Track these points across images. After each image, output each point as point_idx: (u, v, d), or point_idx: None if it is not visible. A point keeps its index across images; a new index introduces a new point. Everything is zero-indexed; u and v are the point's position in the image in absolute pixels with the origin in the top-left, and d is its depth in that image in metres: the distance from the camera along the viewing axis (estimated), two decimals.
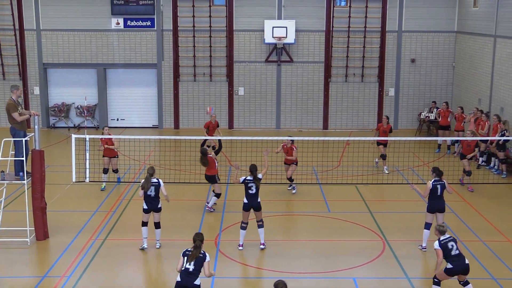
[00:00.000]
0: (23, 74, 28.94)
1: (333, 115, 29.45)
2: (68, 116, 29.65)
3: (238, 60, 28.98)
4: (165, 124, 29.54)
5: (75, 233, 16.04)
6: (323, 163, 22.56)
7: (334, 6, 28.48)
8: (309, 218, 17.48)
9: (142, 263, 14.70)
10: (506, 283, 13.39)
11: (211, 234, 15.93)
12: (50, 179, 18.18)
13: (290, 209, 18.02)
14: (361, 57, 28.89)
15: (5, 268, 14.08)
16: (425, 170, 22.14)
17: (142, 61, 29.06)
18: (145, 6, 28.38)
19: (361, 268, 14.13)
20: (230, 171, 21.85)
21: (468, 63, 27.18)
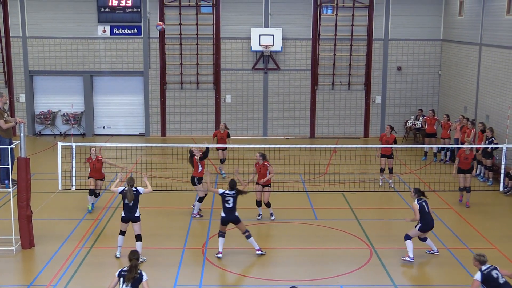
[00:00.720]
0: (9, 81, 28.81)
1: (320, 123, 29.52)
2: (54, 124, 29.54)
3: (225, 68, 29.01)
4: (152, 131, 29.50)
5: (61, 241, 15.97)
6: (310, 171, 22.59)
7: (320, 14, 28.59)
8: (296, 226, 17.49)
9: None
10: None
11: (198, 242, 15.92)
12: (36, 187, 18.09)
13: (277, 217, 17.97)
14: (348, 65, 29.01)
15: None
16: (412, 177, 22.24)
17: (128, 68, 29.03)
18: (132, 14, 28.37)
19: (348, 275, 14.15)
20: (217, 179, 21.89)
21: (454, 71, 27.35)
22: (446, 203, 19.36)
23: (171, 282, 13.72)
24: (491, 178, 21.31)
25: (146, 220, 17.00)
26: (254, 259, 15.03)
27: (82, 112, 29.45)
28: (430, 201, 16.70)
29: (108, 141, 27.84)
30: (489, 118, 23.33)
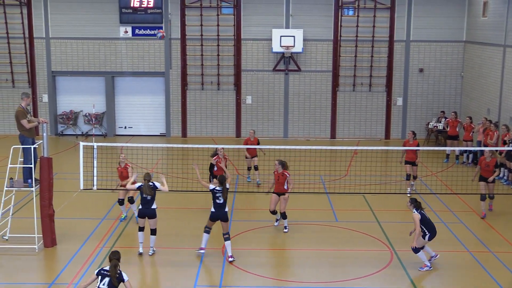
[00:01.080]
0: (32, 81, 29.12)
1: (341, 125, 29.48)
2: (76, 124, 29.78)
3: (246, 69, 29.07)
4: (173, 132, 29.62)
5: (82, 240, 16.12)
6: (331, 172, 22.59)
7: (342, 15, 28.55)
8: (316, 227, 17.51)
9: (149, 270, 14.76)
10: None
11: (219, 243, 15.95)
12: (58, 187, 18.24)
13: (297, 218, 17.98)
14: (369, 66, 28.94)
15: (13, 275, 14.18)
16: (433, 180, 22.14)
17: (150, 69, 29.18)
18: (153, 15, 28.52)
19: (368, 278, 14.11)
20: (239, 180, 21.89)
21: (477, 73, 27.17)
22: (469, 206, 19.23)
23: (191, 283, 13.77)
24: None
25: (166, 220, 17.15)
26: (274, 260, 15.10)
27: (103, 113, 29.66)
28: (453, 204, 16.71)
29: (129, 142, 28.00)
30: None
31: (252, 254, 15.43)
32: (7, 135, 28.80)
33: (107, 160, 19.63)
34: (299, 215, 18.33)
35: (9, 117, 28.88)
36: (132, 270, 14.64)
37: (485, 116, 24.71)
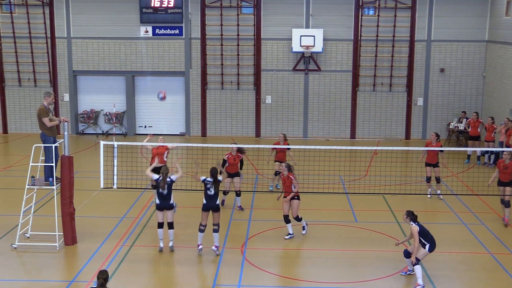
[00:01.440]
0: (54, 81, 29.41)
1: (361, 125, 29.45)
2: (96, 123, 30.03)
3: (266, 69, 29.12)
4: (193, 131, 29.76)
5: (102, 238, 16.23)
6: (350, 173, 22.59)
7: (362, 15, 28.52)
8: (335, 228, 17.51)
9: (168, 269, 14.82)
10: None
11: (238, 242, 16.02)
12: (79, 185, 18.40)
13: (317, 218, 18.00)
14: (389, 66, 28.87)
15: (35, 272, 14.34)
16: (454, 180, 22.04)
17: (170, 69, 29.34)
18: (174, 15, 28.66)
19: (387, 279, 14.08)
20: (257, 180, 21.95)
21: (500, 73, 27.00)
22: (490, 207, 19.13)
23: (211, 281, 13.90)
24: None
25: (186, 219, 17.28)
26: (292, 260, 15.11)
27: (124, 112, 29.87)
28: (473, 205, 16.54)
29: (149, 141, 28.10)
30: None
31: (271, 253, 15.48)
32: (29, 134, 29.11)
33: (127, 159, 19.77)
34: (319, 215, 18.34)
35: (31, 116, 29.20)
36: (152, 268, 14.79)
37: (508, 117, 24.53)
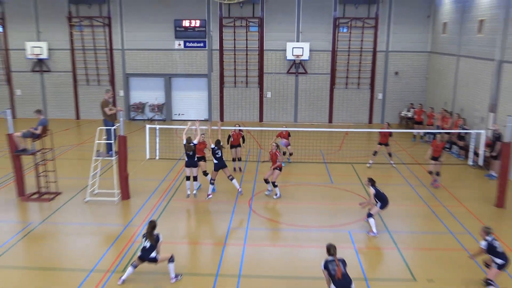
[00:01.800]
0: (112, 81, 29.47)
1: (336, 113, 29.46)
2: (143, 112, 30.11)
3: (267, 72, 29.11)
4: (213, 117, 29.85)
5: (148, 195, 16.45)
6: (328, 147, 22.68)
7: (338, 32, 28.42)
8: (317, 188, 17.65)
9: (195, 216, 15.01)
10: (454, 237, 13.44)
11: (246, 198, 16.15)
12: (131, 157, 18.48)
13: (304, 181, 18.15)
14: (358, 70, 28.83)
15: (101, 218, 14.63)
16: (404, 154, 22.15)
17: (196, 72, 29.34)
18: (199, 32, 28.63)
19: (354, 224, 14.28)
20: (260, 153, 22.09)
21: (438, 76, 26.99)
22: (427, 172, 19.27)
23: (226, 225, 14.10)
24: (463, 155, 21.12)
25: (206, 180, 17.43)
26: (285, 210, 15.26)
27: (163, 103, 29.95)
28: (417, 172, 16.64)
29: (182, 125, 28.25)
30: (462, 111, 23.03)
31: (270, 206, 15.66)
32: (95, 120, 29.24)
33: (166, 137, 19.94)
34: (306, 178, 18.48)
35: (96, 107, 29.30)
36: (184, 216, 14.98)
37: (443, 107, 24.61)
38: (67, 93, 29.86)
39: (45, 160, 16.15)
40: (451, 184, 17.99)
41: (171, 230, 13.74)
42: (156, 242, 10.81)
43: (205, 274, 11.33)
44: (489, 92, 20.51)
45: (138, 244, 12.78)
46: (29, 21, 28.98)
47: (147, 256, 10.74)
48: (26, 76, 29.74)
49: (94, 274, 11.29)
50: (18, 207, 15.37)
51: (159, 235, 10.93)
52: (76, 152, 22.16)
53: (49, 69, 29.58)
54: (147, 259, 10.77)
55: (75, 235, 13.38)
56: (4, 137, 16.39)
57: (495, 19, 20.16)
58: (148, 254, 10.73)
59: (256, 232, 13.70)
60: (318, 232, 13.70)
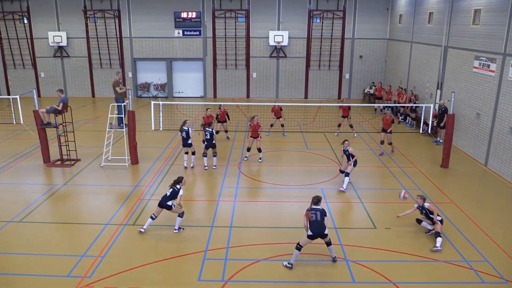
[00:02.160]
0: (122, 64, 28.86)
1: (311, 90, 29.26)
2: (149, 90, 29.66)
3: (253, 56, 28.66)
4: (208, 94, 29.52)
5: (154, 160, 16.29)
6: (304, 119, 22.58)
7: (312, 22, 27.97)
8: (295, 152, 17.60)
9: (193, 178, 14.93)
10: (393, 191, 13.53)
11: (236, 162, 16.12)
12: (139, 128, 18.37)
13: (282, 147, 18.12)
14: (329, 54, 28.49)
15: (114, 181, 14.44)
16: (367, 124, 22.14)
17: (193, 56, 28.82)
18: (195, 22, 28.01)
19: (326, 183, 14.32)
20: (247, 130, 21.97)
21: (395, 59, 26.78)
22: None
23: (220, 184, 14.04)
24: (415, 125, 21.16)
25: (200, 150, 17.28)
26: (268, 171, 15.23)
27: (165, 83, 29.50)
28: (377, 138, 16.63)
29: (182, 101, 27.95)
30: (415, 88, 22.96)
31: (255, 168, 15.60)
32: (107, 97, 28.84)
33: (168, 112, 19.70)
34: (285, 145, 18.44)
35: (108, 87, 28.86)
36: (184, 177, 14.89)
37: (399, 85, 24.50)
38: (83, 75, 29.23)
39: (66, 132, 15.88)
40: (405, 149, 18.05)
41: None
42: (175, 193, 10.75)
43: (202, 226, 11.27)
44: (436, 73, 20.41)
45: (146, 202, 12.69)
46: (51, 14, 28.22)
47: (165, 203, 10.72)
48: (49, 61, 29.04)
49: (110, 227, 11.20)
50: (44, 171, 15.15)
51: (181, 189, 10.84)
52: (92, 125, 21.82)
53: (68, 54, 28.89)
54: (164, 206, 10.70)
55: (92, 195, 13.24)
56: (31, 113, 16.03)
57: (442, 11, 19.89)
58: (166, 201, 10.73)
59: (245, 190, 13.66)
60: (296, 190, 13.69)
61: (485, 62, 16.20)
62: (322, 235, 9.30)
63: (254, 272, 9.27)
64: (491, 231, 11.09)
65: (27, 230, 11.04)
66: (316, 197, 9.55)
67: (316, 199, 9.49)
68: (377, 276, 9.16)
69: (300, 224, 11.14)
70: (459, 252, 10.13)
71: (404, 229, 11.16)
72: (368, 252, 10.09)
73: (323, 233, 9.30)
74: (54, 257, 9.82)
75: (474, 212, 12.14)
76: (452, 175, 15.09)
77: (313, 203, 9.49)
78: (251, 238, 10.67)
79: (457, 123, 17.79)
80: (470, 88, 17.26)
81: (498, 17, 15.55)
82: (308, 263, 9.61)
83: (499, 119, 15.29)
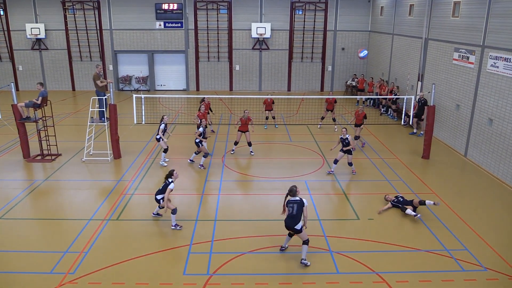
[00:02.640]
0: (103, 57, 28.42)
1: (294, 82, 29.30)
2: (130, 83, 29.30)
3: (236, 48, 28.54)
4: (190, 87, 29.32)
5: (136, 154, 16.15)
6: (287, 111, 22.63)
7: (294, 14, 27.95)
8: (279, 145, 17.62)
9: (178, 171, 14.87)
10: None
11: (220, 155, 16.10)
12: (120, 122, 18.17)
13: (266, 140, 18.13)
14: (311, 46, 28.55)
15: (96, 175, 14.28)
16: (349, 116, 22.31)
17: (175, 48, 28.56)
18: (177, 14, 27.72)
19: (309, 175, 14.40)
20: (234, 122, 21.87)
21: (377, 51, 26.98)
22: (369, 131, 19.48)
23: (203, 178, 13.99)
24: (396, 116, 21.41)
25: (183, 143, 17.18)
26: (253, 164, 15.25)
27: (147, 76, 29.18)
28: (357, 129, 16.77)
29: (164, 94, 27.70)
30: (396, 80, 23.19)
31: (240, 161, 15.60)
32: (88, 91, 28.40)
33: (151, 105, 19.51)
34: (267, 138, 18.46)
35: (89, 80, 28.44)
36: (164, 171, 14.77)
37: (381, 77, 24.72)
38: (63, 68, 28.70)
39: (46, 127, 15.60)
40: (387, 140, 18.26)
41: (157, 183, 13.55)
42: (164, 187, 10.76)
43: (187, 220, 11.25)
44: (417, 65, 20.65)
45: (129, 196, 12.59)
46: (28, 5, 27.55)
47: (156, 196, 10.85)
48: (27, 53, 28.41)
49: (92, 222, 11.09)
50: (24, 167, 14.88)
51: (171, 183, 10.71)
52: (72, 119, 21.48)
53: (46, 47, 28.29)
54: (156, 199, 10.84)
55: (74, 190, 13.07)
56: (9, 107, 15.69)
57: (422, 4, 20.08)
58: (156, 195, 10.86)
59: (228, 183, 13.66)
60: (280, 182, 13.73)
61: (465, 54, 16.44)
62: (293, 229, 9.25)
63: (239, 265, 9.31)
64: (471, 221, 11.34)
65: (7, 227, 10.86)
66: (291, 189, 9.31)
67: (292, 192, 9.28)
68: (360, 267, 9.29)
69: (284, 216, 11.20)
70: (440, 241, 10.34)
71: (386, 220, 11.33)
72: (351, 243, 10.23)
73: (294, 228, 9.22)
74: (36, 254, 9.69)
75: (454, 202, 12.38)
76: (432, 165, 15.34)
77: (289, 195, 9.33)
78: (235, 231, 10.70)
79: (438, 114, 18.06)
80: (450, 80, 17.52)
81: (477, 9, 15.78)
82: (292, 255, 9.69)
83: (478, 111, 15.58)
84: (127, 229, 10.78)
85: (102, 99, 15.66)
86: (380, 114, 22.57)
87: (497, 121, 14.45)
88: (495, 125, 14.55)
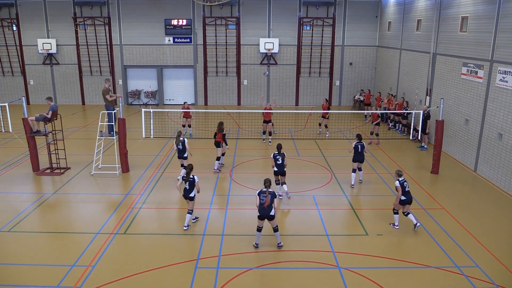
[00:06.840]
0: (112, 71, 28.74)
1: (302, 97, 29.36)
2: (139, 98, 29.55)
3: (244, 63, 28.74)
4: (199, 102, 29.48)
5: (145, 168, 16.20)
6: (295, 126, 22.63)
7: (302, 29, 28.14)
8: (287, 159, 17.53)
9: None
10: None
11: (228, 169, 16.07)
12: (129, 136, 18.27)
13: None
14: (319, 61, 28.67)
15: (105, 189, 14.33)
16: (357, 130, 22.26)
17: (184, 63, 28.81)
18: (186, 29, 28.04)
19: (317, 189, 14.33)
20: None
21: (384, 66, 27.02)
22: (379, 147, 19.41)
23: (211, 192, 13.96)
24: (405, 131, 21.31)
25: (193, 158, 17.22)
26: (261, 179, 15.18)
27: (156, 90, 29.42)
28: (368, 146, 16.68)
29: (172, 108, 27.86)
30: (404, 95, 23.15)
31: (246, 176, 15.55)
32: (97, 105, 28.67)
33: (159, 119, 19.62)
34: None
35: (98, 94, 28.72)
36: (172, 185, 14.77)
37: (389, 92, 24.69)
38: (73, 82, 29.06)
39: (56, 140, 15.73)
40: (396, 155, 18.15)
41: (164, 197, 13.56)
42: (192, 183, 11.16)
43: (194, 234, 11.20)
44: (425, 79, 20.62)
45: (137, 210, 12.58)
46: (40, 21, 28.07)
47: (187, 195, 11.18)
48: (38, 68, 28.84)
49: (100, 236, 11.08)
50: (33, 180, 14.98)
51: (195, 177, 11.25)
52: (82, 133, 21.66)
53: (57, 62, 28.71)
54: (187, 198, 11.21)
55: (82, 204, 13.11)
56: (20, 121, 15.87)
57: (430, 19, 20.14)
58: (188, 194, 11.16)
59: (236, 197, 13.62)
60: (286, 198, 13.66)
61: (473, 68, 16.41)
62: (268, 216, 10.19)
63: (246, 281, 9.22)
64: (482, 237, 11.17)
65: (16, 240, 10.88)
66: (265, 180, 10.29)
67: (268, 183, 10.25)
68: (369, 283, 9.16)
69: (294, 231, 11.12)
70: (450, 258, 10.18)
71: (396, 236, 11.19)
72: (360, 259, 10.10)
73: (269, 214, 10.17)
74: (43, 267, 9.69)
75: (465, 218, 12.22)
76: (442, 181, 15.19)
77: (264, 186, 10.25)
78: (243, 246, 10.62)
79: (447, 129, 17.95)
80: (459, 95, 17.45)
81: (485, 24, 15.78)
82: (300, 271, 9.60)
83: (487, 125, 15.47)
84: (135, 243, 10.75)
85: (111, 113, 15.79)
86: (388, 129, 22.48)
87: (507, 135, 14.32)
88: (505, 140, 14.42)
